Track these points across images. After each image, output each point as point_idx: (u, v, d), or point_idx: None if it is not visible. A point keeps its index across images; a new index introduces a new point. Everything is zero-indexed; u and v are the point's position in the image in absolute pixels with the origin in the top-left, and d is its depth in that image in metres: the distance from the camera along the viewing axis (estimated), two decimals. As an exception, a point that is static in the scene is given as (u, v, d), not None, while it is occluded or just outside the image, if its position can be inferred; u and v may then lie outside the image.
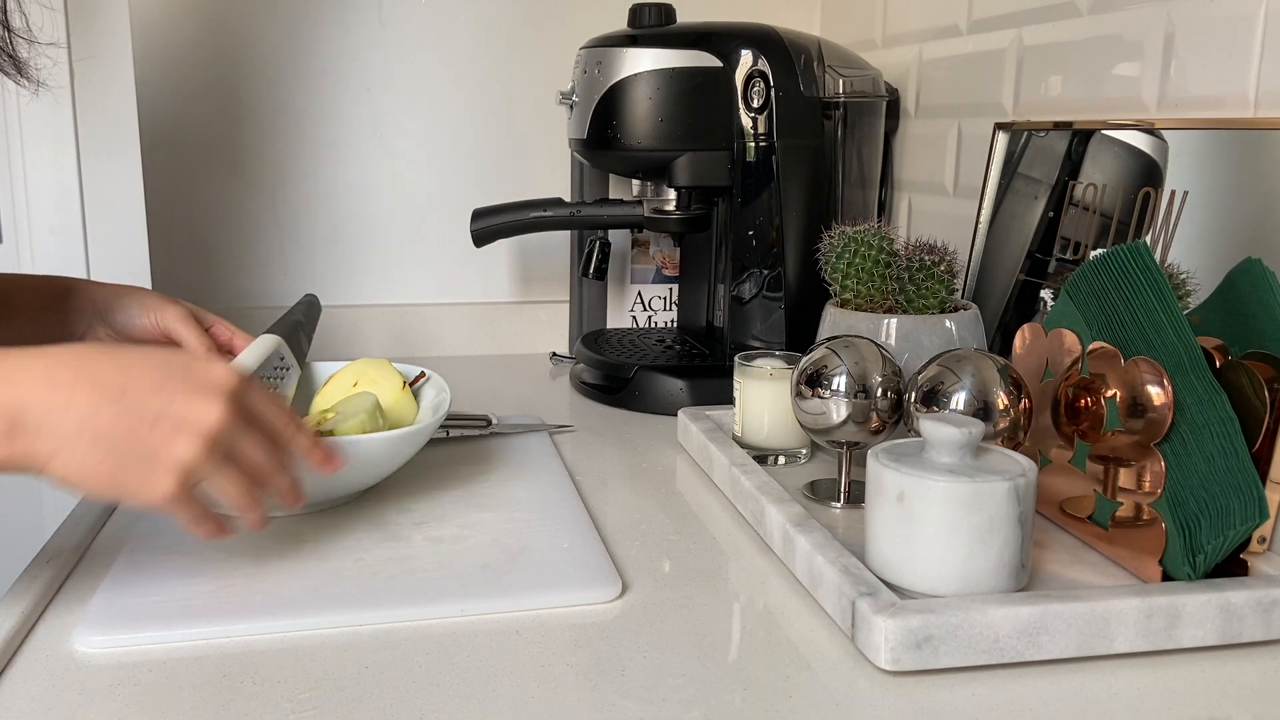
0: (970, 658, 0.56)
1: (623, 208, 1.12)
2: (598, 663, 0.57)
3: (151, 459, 0.55)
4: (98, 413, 0.54)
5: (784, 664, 0.57)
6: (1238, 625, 0.58)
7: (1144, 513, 0.65)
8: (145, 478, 0.55)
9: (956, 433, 0.61)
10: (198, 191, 1.30)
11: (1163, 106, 0.81)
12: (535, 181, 1.35)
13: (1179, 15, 0.80)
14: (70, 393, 0.54)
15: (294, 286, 1.33)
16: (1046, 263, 0.91)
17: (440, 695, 0.53)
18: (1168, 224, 0.78)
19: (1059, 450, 0.71)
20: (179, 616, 0.60)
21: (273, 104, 1.29)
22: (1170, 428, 0.62)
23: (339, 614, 0.61)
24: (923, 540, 0.60)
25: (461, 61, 1.33)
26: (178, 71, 1.27)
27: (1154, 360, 0.63)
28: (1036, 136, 0.94)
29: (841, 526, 0.75)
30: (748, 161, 1.05)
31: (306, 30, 1.29)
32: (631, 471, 0.88)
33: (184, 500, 0.56)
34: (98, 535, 0.73)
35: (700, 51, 1.03)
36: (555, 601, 0.63)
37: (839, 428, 0.75)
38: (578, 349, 1.19)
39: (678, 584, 0.67)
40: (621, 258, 1.31)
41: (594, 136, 1.07)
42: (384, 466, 0.75)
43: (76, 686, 0.54)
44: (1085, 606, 0.56)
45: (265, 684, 0.54)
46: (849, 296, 0.85)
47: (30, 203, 1.03)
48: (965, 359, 0.70)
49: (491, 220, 1.11)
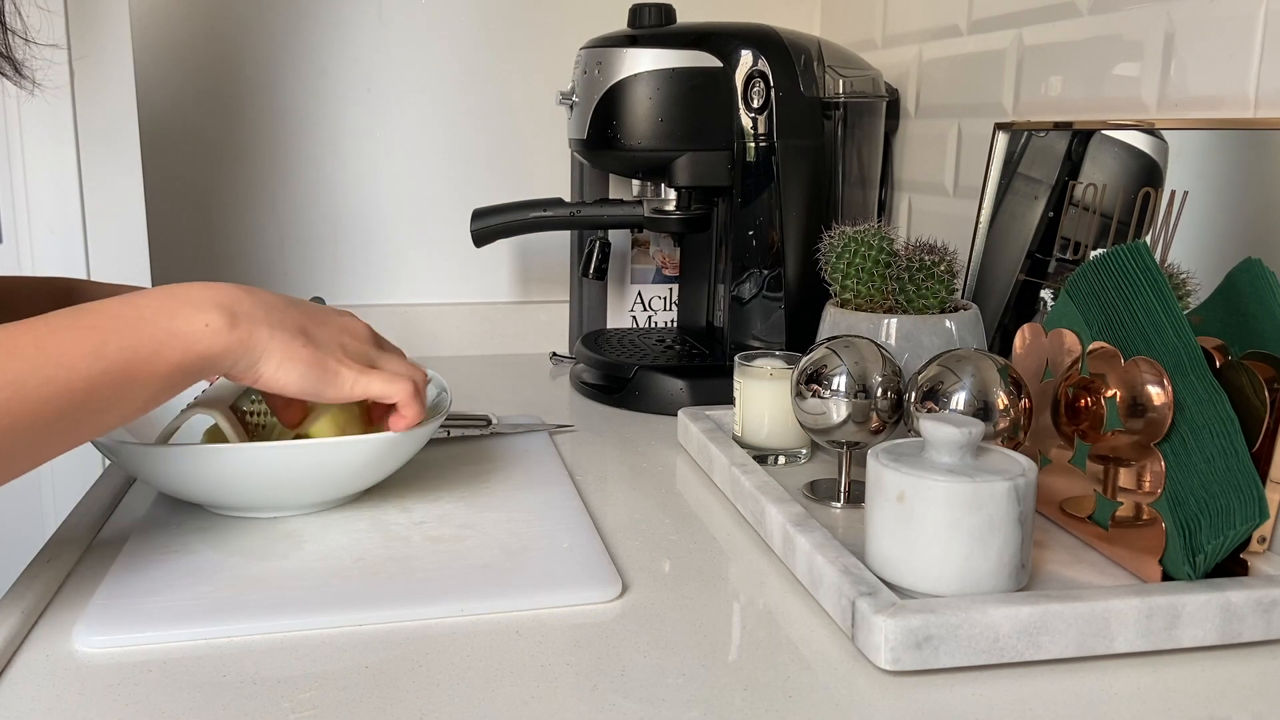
0: (970, 658, 0.56)
1: (623, 208, 1.12)
2: (598, 663, 0.57)
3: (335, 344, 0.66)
4: (286, 310, 0.64)
5: (784, 664, 0.57)
6: (1238, 625, 0.58)
7: (1144, 513, 0.65)
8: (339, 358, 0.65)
9: (956, 433, 0.61)
10: (197, 192, 1.30)
11: (1163, 106, 0.81)
12: (535, 181, 1.35)
13: (1179, 15, 0.80)
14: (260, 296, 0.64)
15: (293, 286, 1.33)
16: (1046, 263, 0.91)
17: (440, 695, 0.53)
18: (1168, 224, 0.78)
19: (1059, 450, 0.71)
20: (179, 616, 0.60)
21: (272, 104, 1.29)
22: (1170, 428, 0.62)
23: (339, 614, 0.61)
24: (923, 540, 0.60)
25: (461, 61, 1.33)
26: (178, 71, 1.27)
27: (1154, 360, 0.63)
28: (1036, 136, 0.94)
29: (841, 526, 0.75)
30: (748, 161, 1.05)
31: (306, 30, 1.29)
32: (631, 471, 0.88)
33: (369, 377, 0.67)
34: (98, 535, 0.73)
35: (700, 51, 1.03)
36: (555, 601, 0.63)
37: (839, 428, 0.75)
38: (578, 349, 1.19)
39: (678, 584, 0.67)
40: (621, 258, 1.31)
41: (594, 136, 1.07)
42: (384, 467, 0.75)
43: (76, 686, 0.54)
44: (1085, 606, 0.56)
45: (265, 684, 0.54)
46: (849, 296, 0.85)
47: (30, 203, 1.03)
48: (965, 359, 0.70)
49: (491, 220, 1.11)
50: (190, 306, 0.60)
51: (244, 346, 0.61)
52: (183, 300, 0.60)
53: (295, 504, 0.75)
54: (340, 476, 0.73)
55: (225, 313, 0.61)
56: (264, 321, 0.62)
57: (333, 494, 0.75)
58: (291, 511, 0.75)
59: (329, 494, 0.75)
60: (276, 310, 0.63)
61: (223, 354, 0.60)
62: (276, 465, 0.70)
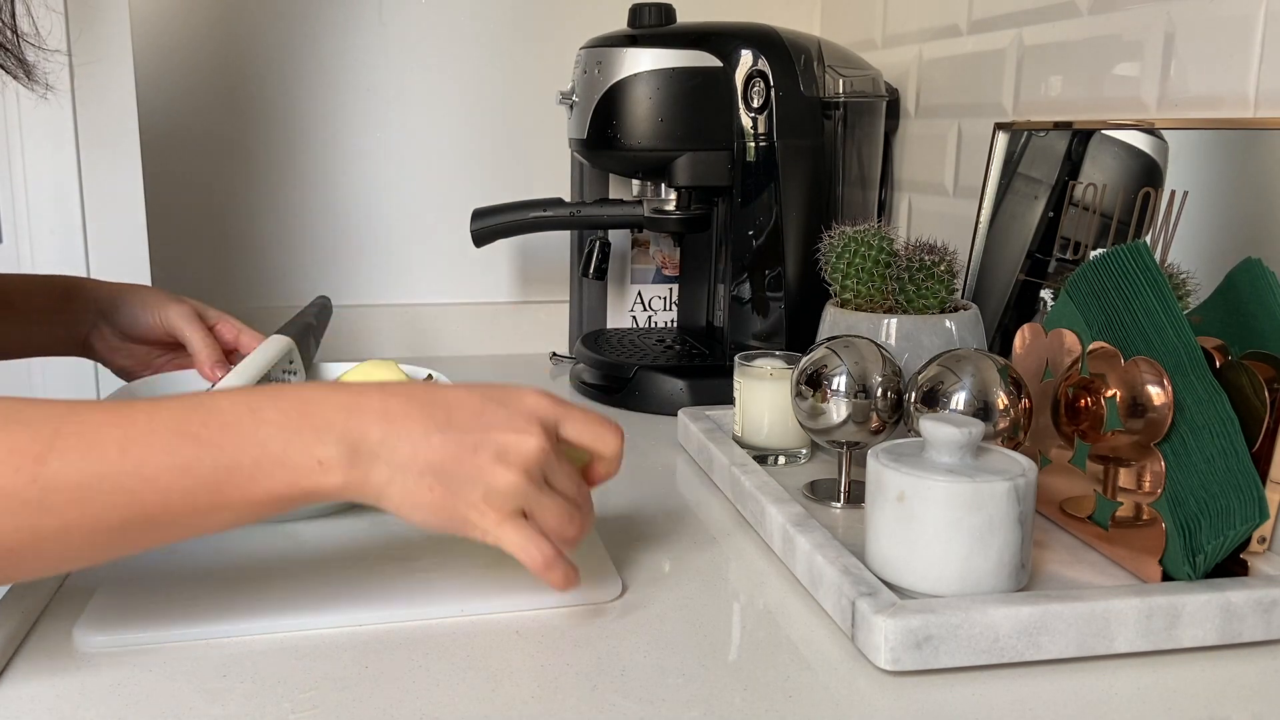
0: (970, 658, 0.56)
1: (623, 208, 1.12)
2: (598, 663, 0.57)
3: (478, 484, 0.55)
4: (428, 439, 0.55)
5: (784, 664, 0.57)
6: (1238, 625, 0.58)
7: (1144, 513, 0.65)
8: (474, 502, 0.55)
9: (956, 433, 0.61)
10: (198, 191, 1.30)
11: (1163, 106, 0.81)
12: (535, 181, 1.35)
13: (1179, 15, 0.80)
14: (403, 422, 0.55)
15: (293, 287, 1.33)
16: (1046, 263, 0.91)
17: (440, 695, 0.53)
18: (1168, 224, 0.78)
19: (1059, 450, 0.71)
20: (179, 616, 0.60)
21: (273, 104, 1.29)
22: (1170, 428, 0.62)
23: (339, 614, 0.61)
24: (923, 540, 0.60)
25: (462, 61, 1.33)
26: (178, 71, 1.27)
27: (1154, 360, 0.63)
28: (1036, 136, 0.94)
29: (841, 526, 0.75)
30: (748, 161, 1.05)
31: (306, 30, 1.29)
32: (631, 471, 0.88)
33: (514, 526, 0.57)
34: (98, 535, 0.73)
35: (700, 51, 1.03)
36: (555, 601, 0.63)
37: (839, 428, 0.75)
38: (578, 349, 1.19)
39: (678, 584, 0.67)
40: (621, 258, 1.31)
41: (594, 136, 1.07)
42: None
43: (76, 686, 0.54)
44: (1085, 606, 0.56)
45: (265, 684, 0.54)
46: (849, 296, 0.85)
47: (30, 203, 1.03)
48: (965, 359, 0.70)
49: (491, 220, 1.11)
50: (312, 432, 0.53)
51: (355, 489, 0.54)
52: (309, 422, 0.53)
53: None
54: None
55: (345, 448, 0.53)
56: (386, 462, 0.54)
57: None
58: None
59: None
60: (410, 443, 0.54)
61: (335, 492, 0.54)
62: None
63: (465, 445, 0.55)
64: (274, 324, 0.87)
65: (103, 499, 0.48)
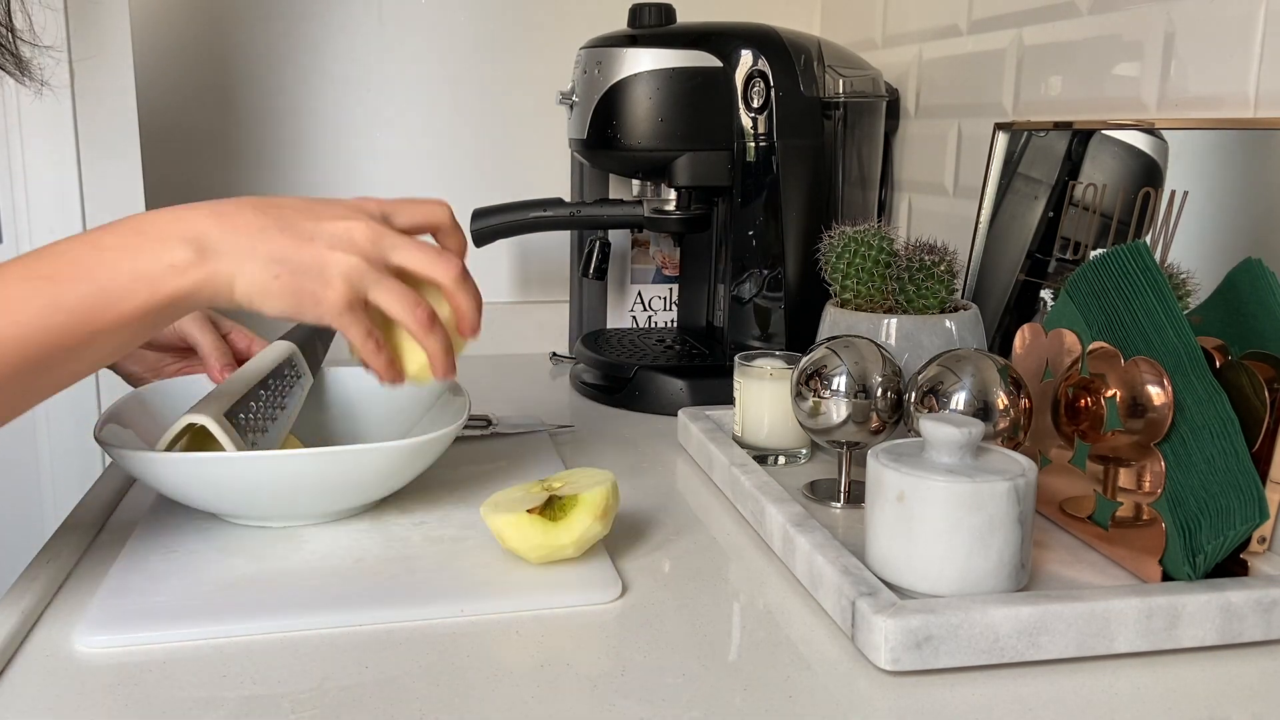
0: (970, 658, 0.56)
1: (623, 208, 1.12)
2: (598, 663, 0.57)
3: (319, 269, 0.60)
4: (265, 231, 0.59)
5: (784, 664, 0.57)
6: (1238, 625, 0.58)
7: (1144, 513, 0.65)
8: (318, 287, 0.60)
9: (956, 433, 0.61)
10: (197, 191, 1.30)
11: (1163, 106, 0.81)
12: (535, 181, 1.35)
13: (1179, 15, 0.80)
14: (236, 219, 0.59)
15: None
16: (1046, 263, 0.91)
17: (440, 695, 0.53)
18: (1168, 224, 0.78)
19: (1059, 450, 0.71)
20: (179, 616, 0.60)
21: (273, 104, 1.29)
22: (1170, 428, 0.62)
23: (339, 614, 0.61)
24: (923, 540, 0.60)
25: (461, 61, 1.33)
26: (178, 71, 1.27)
27: (1154, 360, 0.63)
28: (1036, 136, 0.94)
29: (841, 526, 0.75)
30: (748, 161, 1.05)
31: (306, 30, 1.29)
32: (631, 471, 0.88)
33: (354, 313, 0.61)
34: (98, 535, 0.73)
35: (700, 51, 1.03)
36: (555, 601, 0.63)
37: (839, 428, 0.75)
38: (578, 349, 1.19)
39: (678, 584, 0.67)
40: (621, 258, 1.31)
41: (594, 136, 1.07)
42: (401, 476, 0.73)
43: (76, 686, 0.54)
44: (1085, 606, 0.56)
45: (265, 684, 0.54)
46: (849, 296, 0.85)
47: (30, 203, 1.03)
48: (965, 359, 0.70)
49: (491, 220, 1.11)
50: (155, 243, 0.57)
51: (211, 284, 0.58)
52: (148, 236, 0.57)
53: (309, 514, 0.73)
54: (359, 485, 0.71)
55: (192, 247, 0.57)
56: (232, 253, 0.58)
57: (346, 504, 0.73)
58: (303, 521, 0.73)
59: (342, 505, 0.73)
60: (248, 236, 0.59)
61: (192, 291, 0.57)
62: (287, 475, 0.69)
63: (301, 234, 0.60)
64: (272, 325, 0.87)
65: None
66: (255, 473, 0.68)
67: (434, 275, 0.64)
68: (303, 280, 0.59)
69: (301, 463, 0.69)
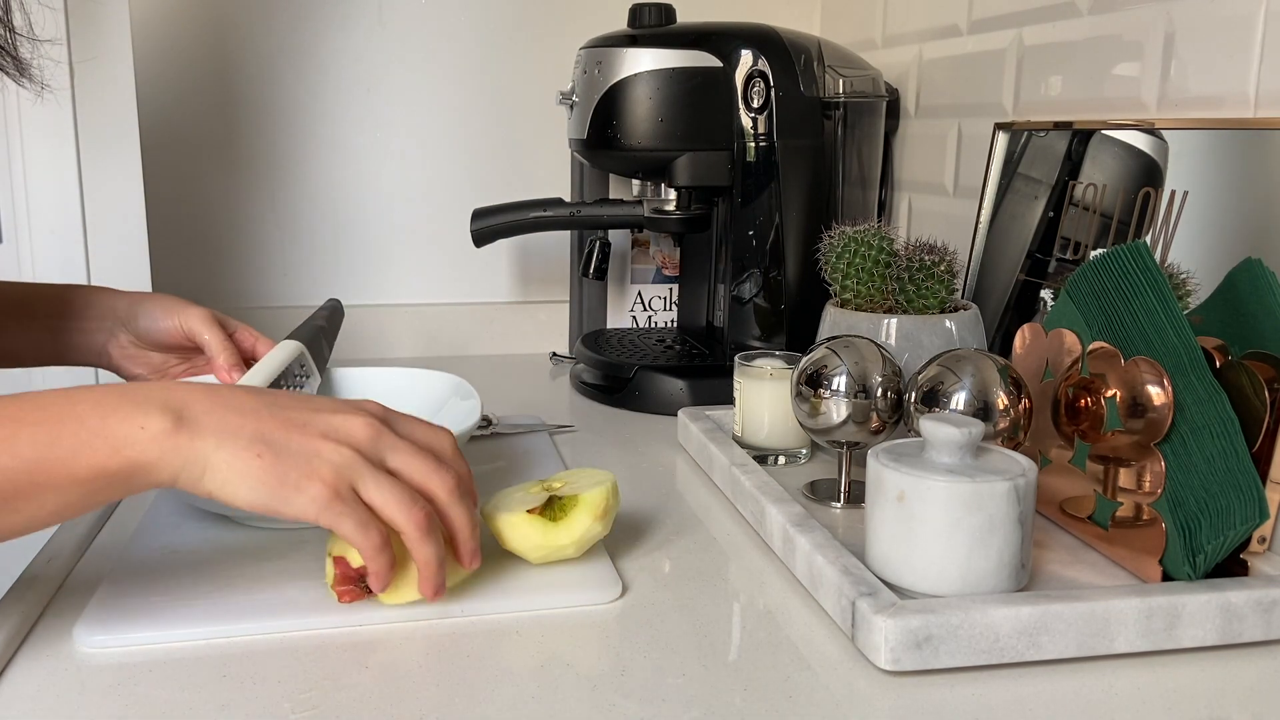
0: (970, 658, 0.56)
1: (623, 208, 1.12)
2: (598, 663, 0.57)
3: (306, 456, 0.55)
4: (256, 412, 0.55)
5: (784, 664, 0.57)
6: (1238, 625, 0.58)
7: (1144, 513, 0.65)
8: (302, 475, 0.54)
9: (956, 433, 0.61)
10: (198, 192, 1.30)
11: (1163, 106, 0.81)
12: (535, 181, 1.35)
13: (1179, 15, 0.80)
14: (229, 398, 0.56)
15: (294, 287, 1.33)
16: (1046, 263, 0.91)
17: (440, 695, 0.53)
18: (1168, 224, 0.78)
19: (1059, 450, 0.71)
20: (179, 616, 0.60)
21: (273, 104, 1.29)
22: (1170, 428, 0.62)
23: (339, 614, 0.61)
24: (923, 540, 0.60)
25: (461, 61, 1.33)
26: (178, 71, 1.27)
27: (1154, 360, 0.63)
28: (1036, 136, 0.94)
29: (841, 526, 0.75)
30: (748, 161, 1.05)
31: (306, 30, 1.29)
32: (631, 471, 0.88)
33: (344, 504, 0.55)
34: (98, 535, 0.73)
35: (700, 51, 1.03)
36: (555, 602, 0.63)
37: (839, 428, 0.75)
38: (578, 349, 1.19)
39: (678, 584, 0.67)
40: (621, 258, 1.31)
41: (594, 136, 1.07)
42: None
43: (76, 686, 0.54)
44: (1085, 606, 0.56)
45: (265, 684, 0.54)
46: (849, 296, 0.85)
47: (30, 203, 1.03)
48: (965, 359, 0.70)
49: (491, 220, 1.11)
50: (131, 405, 0.53)
51: (181, 457, 0.53)
52: (128, 398, 0.53)
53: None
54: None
55: (170, 416, 0.53)
56: (214, 430, 0.54)
57: None
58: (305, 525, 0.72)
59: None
60: (237, 414, 0.55)
61: (156, 462, 0.52)
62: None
63: (294, 422, 0.56)
64: (274, 323, 0.87)
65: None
66: None
67: (429, 486, 0.58)
68: (287, 466, 0.54)
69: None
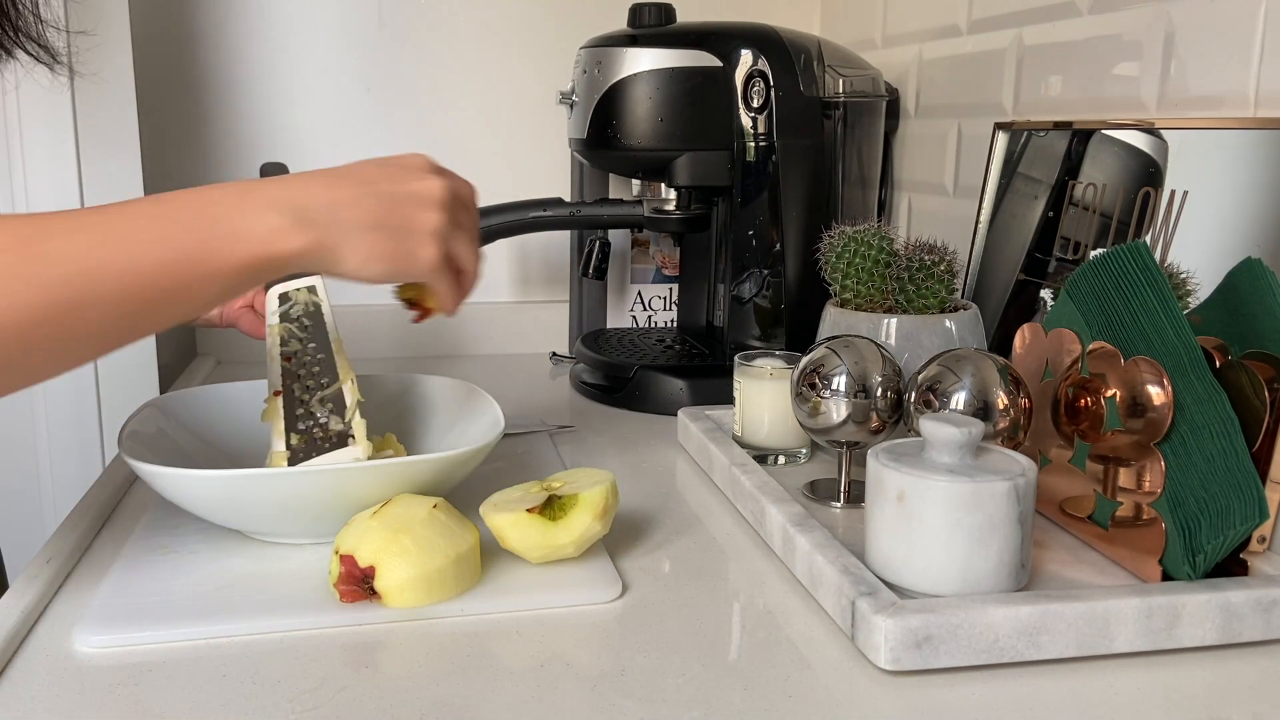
0: (970, 658, 0.56)
1: (623, 208, 1.12)
2: (598, 663, 0.57)
3: (413, 232, 0.62)
4: (361, 201, 0.61)
5: (784, 664, 0.57)
6: (1238, 625, 0.58)
7: (1144, 513, 0.65)
8: (415, 249, 0.62)
9: (956, 433, 0.61)
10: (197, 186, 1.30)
11: (1163, 106, 0.81)
12: (535, 181, 1.35)
13: (1179, 15, 0.80)
14: (331, 190, 0.60)
15: (294, 286, 1.33)
16: (1046, 263, 0.91)
17: (440, 695, 0.53)
18: (1168, 224, 0.78)
19: (1059, 450, 0.71)
20: (179, 616, 0.60)
21: (272, 103, 1.29)
22: (1170, 428, 0.62)
23: (339, 614, 0.61)
24: (923, 540, 0.60)
25: (461, 61, 1.33)
26: (177, 71, 1.27)
27: (1154, 360, 0.63)
28: (1036, 136, 0.94)
29: (841, 526, 0.75)
30: (748, 161, 1.05)
31: (306, 30, 1.29)
32: (631, 471, 0.88)
33: (445, 268, 0.64)
34: (98, 535, 0.73)
35: (700, 51, 1.03)
36: (555, 601, 0.63)
37: (839, 428, 0.75)
38: (578, 349, 1.19)
39: (678, 584, 0.67)
40: (621, 258, 1.31)
41: (594, 136, 1.07)
42: (446, 484, 0.72)
43: (76, 686, 0.54)
44: (1085, 606, 0.56)
45: (265, 684, 0.54)
46: (849, 296, 0.85)
47: (30, 203, 1.03)
48: (965, 359, 0.70)
49: (491, 220, 1.11)
50: (259, 207, 0.58)
51: (313, 253, 0.59)
52: (254, 200, 0.58)
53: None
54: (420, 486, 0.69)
55: (294, 217, 0.58)
56: (336, 224, 0.59)
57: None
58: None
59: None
60: (349, 206, 0.60)
61: (291, 258, 0.58)
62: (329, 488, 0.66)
63: (392, 200, 0.62)
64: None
65: (96, 275, 0.52)
66: (314, 487, 0.66)
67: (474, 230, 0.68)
68: (403, 244, 0.62)
69: (350, 475, 0.67)
